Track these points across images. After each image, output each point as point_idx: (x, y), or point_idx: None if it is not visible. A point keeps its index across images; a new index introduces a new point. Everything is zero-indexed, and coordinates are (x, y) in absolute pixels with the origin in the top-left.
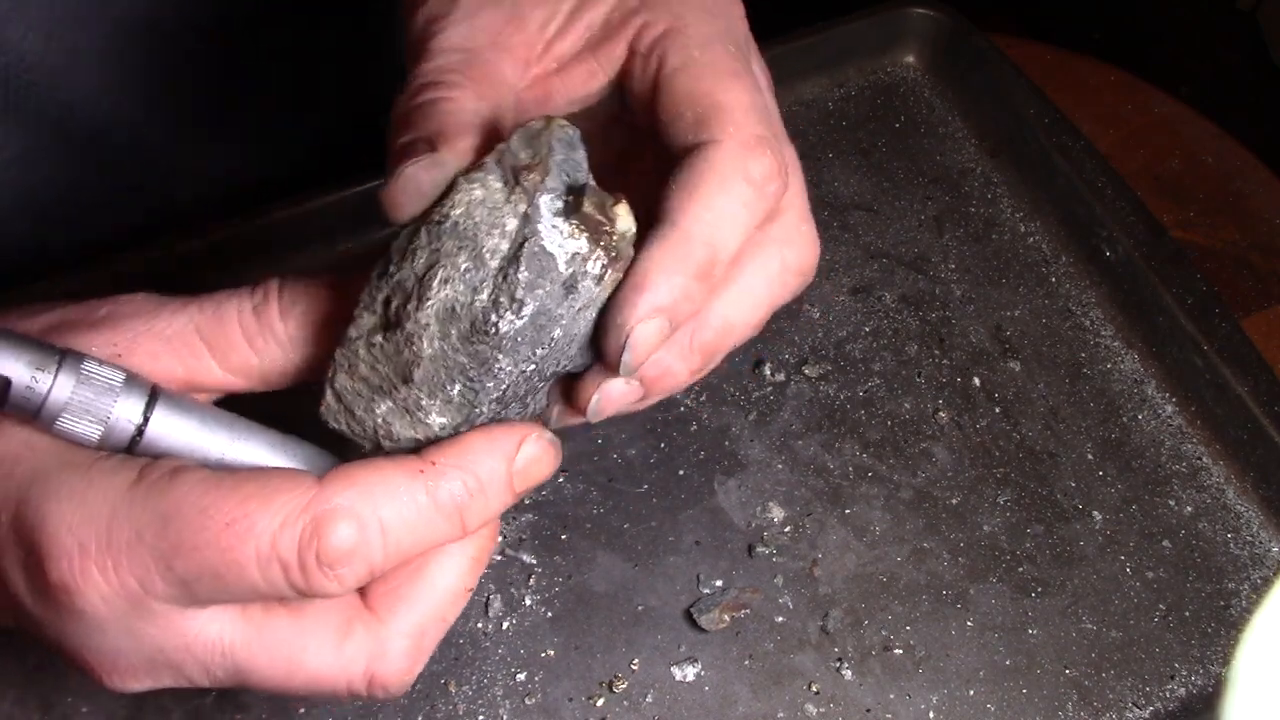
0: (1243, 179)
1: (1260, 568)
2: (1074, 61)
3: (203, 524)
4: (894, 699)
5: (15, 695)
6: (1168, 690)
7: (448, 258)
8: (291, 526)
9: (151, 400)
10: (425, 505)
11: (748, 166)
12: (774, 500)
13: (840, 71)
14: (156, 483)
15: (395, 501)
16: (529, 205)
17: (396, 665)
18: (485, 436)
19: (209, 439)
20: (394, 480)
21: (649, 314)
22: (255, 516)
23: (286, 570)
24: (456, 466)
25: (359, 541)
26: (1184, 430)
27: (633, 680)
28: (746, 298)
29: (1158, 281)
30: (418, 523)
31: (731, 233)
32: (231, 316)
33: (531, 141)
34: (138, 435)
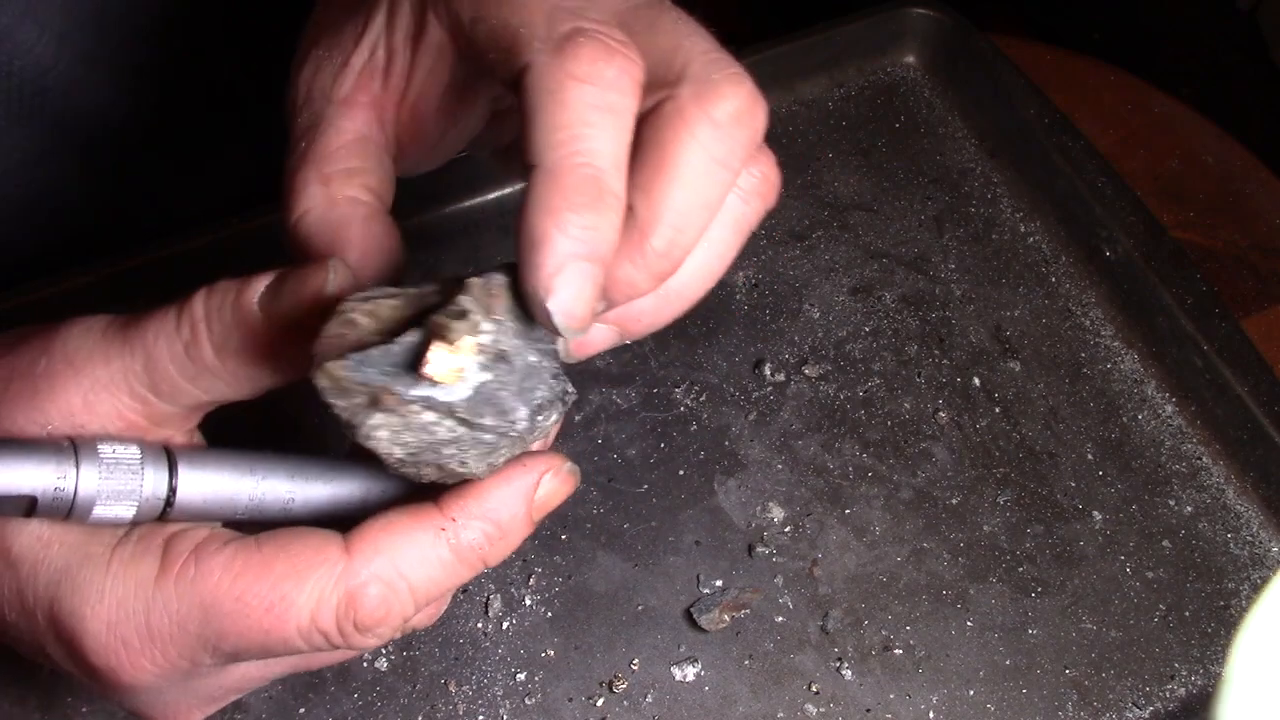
0: (1243, 179)
1: (1260, 568)
2: (1074, 61)
3: (243, 612)
4: (894, 699)
5: (15, 695)
6: (1168, 690)
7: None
8: (327, 603)
9: (172, 465)
10: (449, 560)
11: (576, 68)
12: (774, 500)
13: (840, 71)
14: (183, 572)
15: (421, 563)
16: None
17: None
18: (504, 481)
19: (236, 486)
20: (417, 541)
21: (558, 266)
22: (292, 598)
23: (328, 637)
24: (477, 518)
25: (391, 605)
26: (1184, 430)
27: (633, 680)
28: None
29: (1158, 281)
30: (442, 576)
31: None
32: (164, 361)
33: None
34: (168, 506)
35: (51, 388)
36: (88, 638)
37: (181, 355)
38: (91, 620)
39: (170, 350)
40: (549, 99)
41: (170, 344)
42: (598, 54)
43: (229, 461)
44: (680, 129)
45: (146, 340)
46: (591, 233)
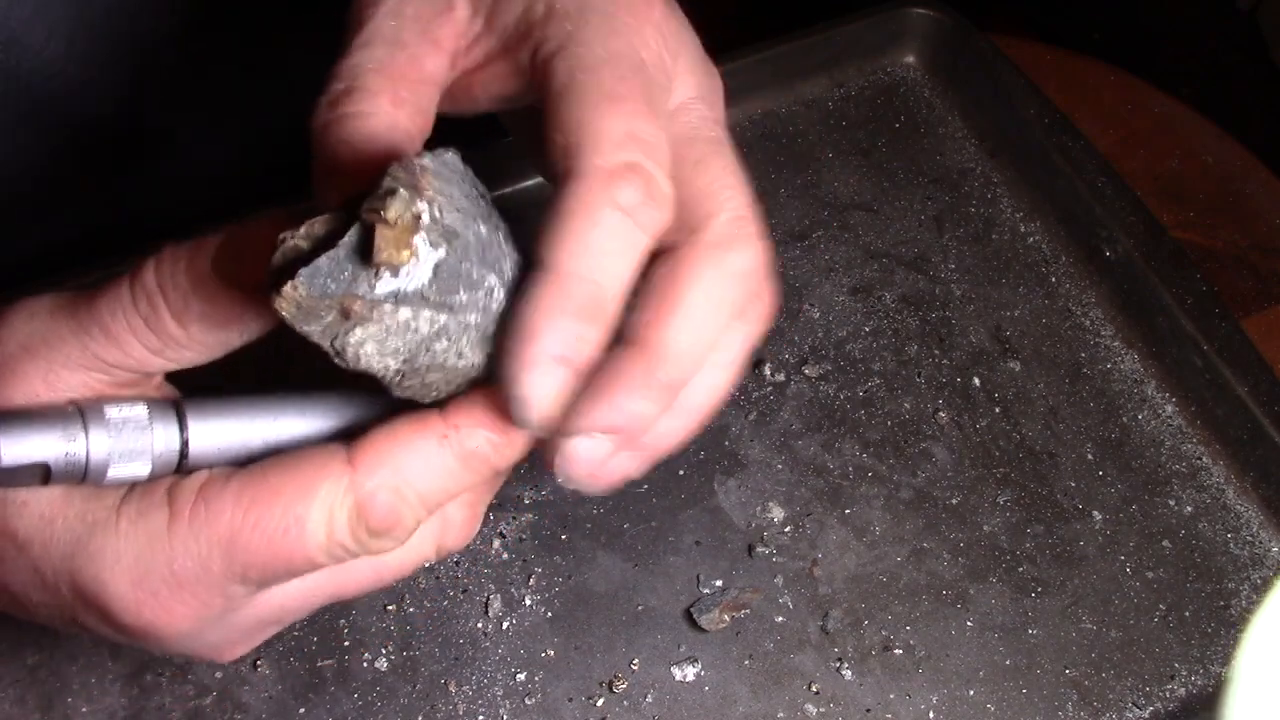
0: (1243, 179)
1: (1260, 568)
2: (1074, 61)
3: (262, 539)
4: (894, 699)
5: (15, 695)
6: (1168, 690)
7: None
8: (339, 515)
9: (181, 419)
10: (454, 467)
11: (615, 195)
12: (774, 500)
13: (840, 71)
14: (194, 514)
15: (426, 470)
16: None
17: (459, 533)
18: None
19: (248, 430)
20: (421, 450)
21: (537, 363)
22: (305, 517)
23: (346, 549)
24: (481, 425)
25: (400, 511)
26: (1184, 430)
27: (633, 680)
28: (695, 318)
29: (1158, 281)
30: (449, 482)
31: (611, 265)
32: (124, 335)
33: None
34: (183, 458)
35: (11, 373)
36: (115, 600)
37: (143, 328)
38: (114, 583)
39: (130, 324)
40: (585, 213)
41: (129, 318)
42: (643, 195)
43: (238, 407)
44: (694, 273)
45: (103, 318)
46: (578, 342)
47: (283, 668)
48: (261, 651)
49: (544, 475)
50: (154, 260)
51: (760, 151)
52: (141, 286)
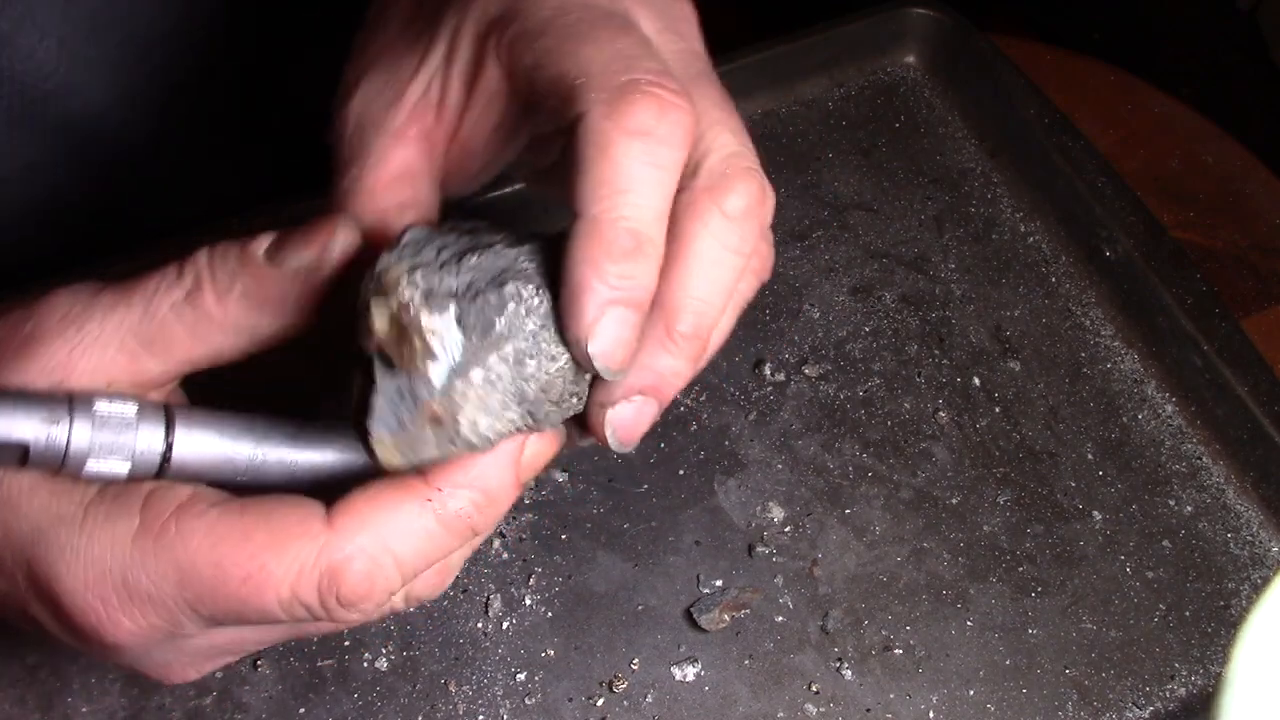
0: (1243, 179)
1: (1260, 568)
2: (1074, 61)
3: (220, 579)
4: (894, 699)
5: (15, 695)
6: (1168, 690)
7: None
8: (308, 577)
9: (170, 424)
10: (436, 531)
11: (628, 122)
12: (774, 500)
13: (840, 71)
14: (163, 532)
15: (407, 536)
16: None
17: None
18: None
19: (234, 447)
20: (403, 513)
21: (599, 313)
22: (270, 569)
23: (310, 610)
24: (464, 486)
25: (375, 580)
26: (1184, 430)
27: (633, 680)
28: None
29: (1158, 281)
30: (429, 547)
31: (644, 197)
32: (163, 311)
33: None
34: (165, 462)
35: (37, 344)
36: (65, 597)
37: (181, 302)
38: (69, 579)
39: (170, 299)
40: (597, 153)
41: (171, 292)
42: (650, 108)
43: (229, 423)
44: (695, 222)
45: (147, 292)
46: (629, 281)
47: (283, 668)
48: (261, 651)
49: (544, 475)
50: (208, 247)
51: (760, 151)
52: (191, 264)
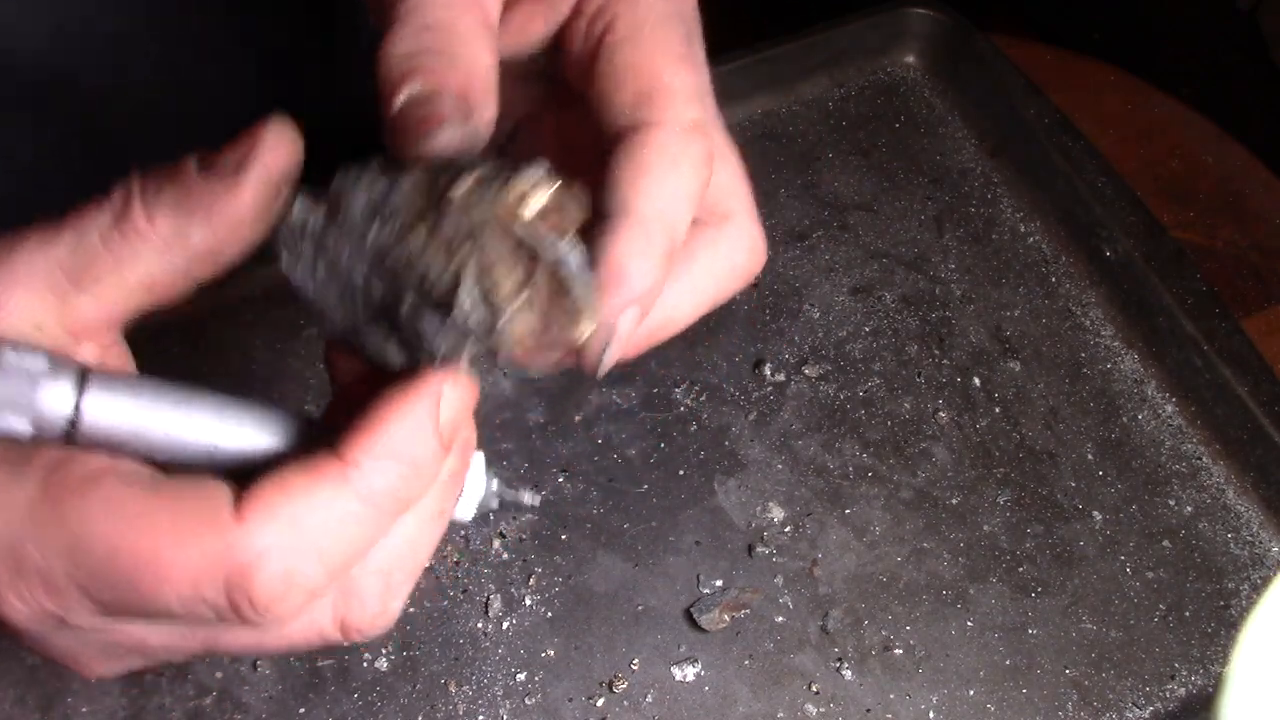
0: (1243, 179)
1: (1260, 568)
2: (1074, 61)
3: (113, 564)
4: (894, 699)
5: (15, 695)
6: (1168, 690)
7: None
8: (212, 575)
9: (82, 384)
10: (360, 512)
11: (690, 149)
12: (774, 500)
13: (840, 71)
14: (61, 503)
15: (328, 524)
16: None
17: (368, 609)
18: (397, 412)
19: (152, 417)
20: (320, 498)
21: (626, 306)
22: (168, 561)
23: (218, 613)
24: (383, 457)
25: (293, 580)
26: (1184, 430)
27: (633, 680)
28: (691, 295)
29: (1158, 281)
30: (356, 533)
31: (684, 217)
32: (91, 240)
33: None
34: (71, 426)
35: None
36: None
37: (109, 227)
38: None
39: (98, 225)
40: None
41: (99, 217)
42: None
43: (150, 390)
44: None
45: (74, 220)
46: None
47: (283, 668)
48: None
49: (544, 475)
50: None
51: (760, 151)
52: (120, 186)
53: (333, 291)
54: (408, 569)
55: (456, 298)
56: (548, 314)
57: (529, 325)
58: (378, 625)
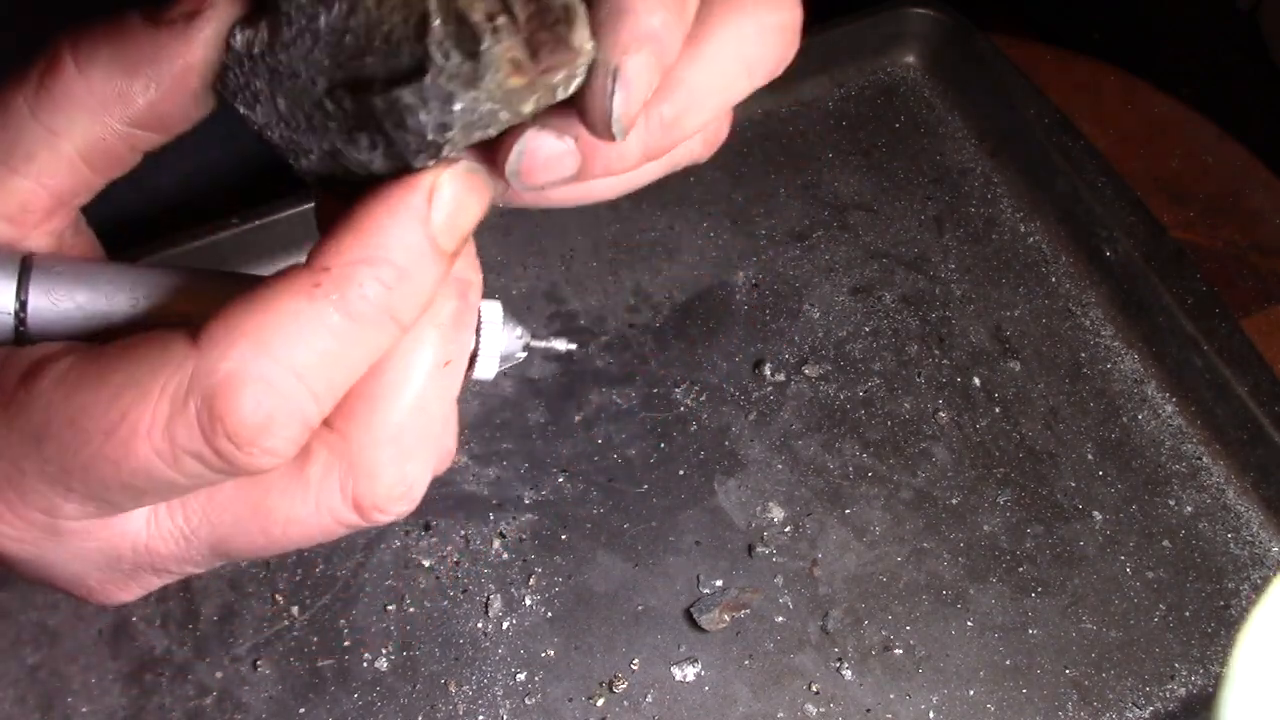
0: (1243, 179)
1: (1260, 568)
2: (1074, 61)
3: (80, 441)
4: (894, 699)
5: (15, 695)
6: (1168, 690)
7: None
8: (183, 415)
9: (24, 277)
10: (340, 325)
11: None
12: (774, 500)
13: (840, 71)
14: (15, 397)
15: (301, 338)
16: None
17: (384, 480)
18: (381, 205)
19: (108, 304)
20: (289, 312)
21: (637, 44)
22: (134, 417)
23: (202, 460)
24: (360, 262)
25: (274, 403)
26: (1184, 430)
27: (633, 680)
28: (716, 63)
29: (1158, 281)
30: (341, 350)
31: None
32: (20, 108)
33: None
34: (20, 324)
35: None
36: None
37: (35, 87)
38: None
39: (26, 87)
40: None
41: (25, 80)
42: None
43: (102, 275)
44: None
45: (4, 91)
46: (672, 37)
47: (283, 668)
48: (261, 651)
49: (544, 475)
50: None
51: (760, 151)
52: (51, 43)
53: (299, 118)
54: (421, 432)
55: (426, 51)
56: (535, 34)
57: (517, 50)
58: (397, 499)
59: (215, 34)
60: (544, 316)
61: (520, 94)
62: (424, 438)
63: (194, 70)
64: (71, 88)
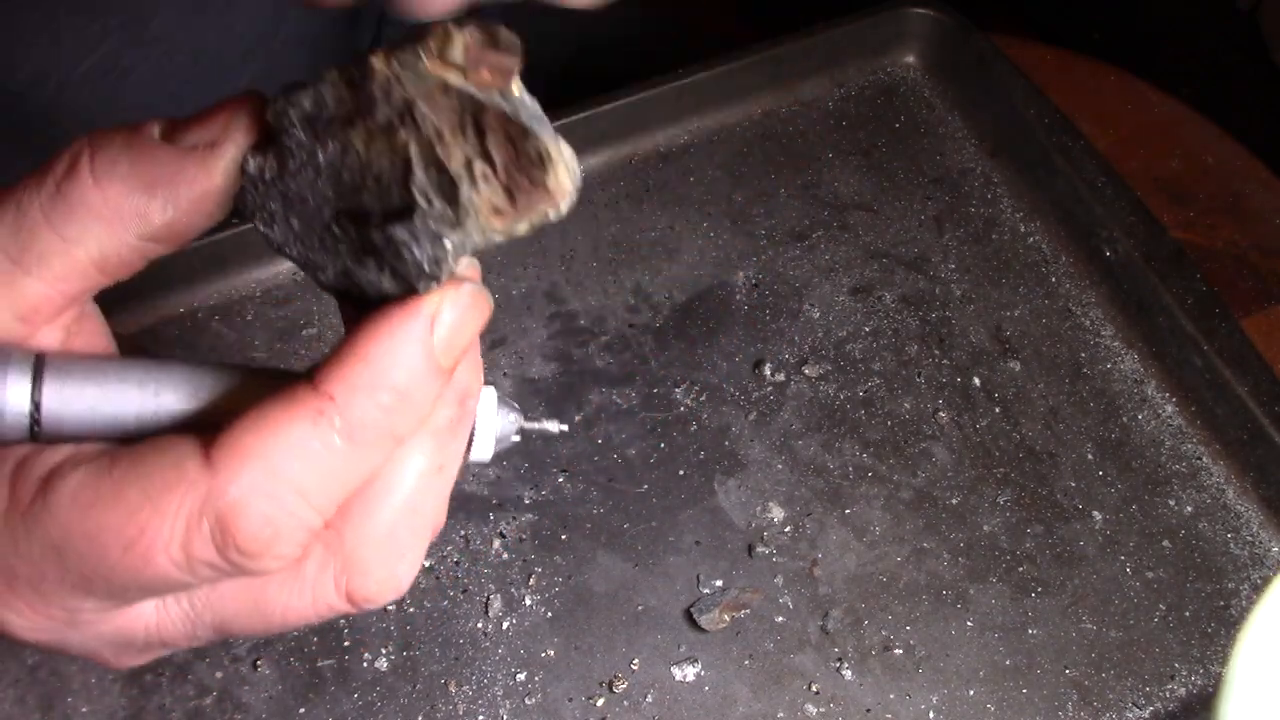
0: (1243, 179)
1: (1260, 568)
2: (1074, 61)
3: (100, 554)
4: (894, 699)
5: (15, 695)
6: (1168, 690)
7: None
8: (198, 530)
9: (38, 375)
10: (342, 448)
11: None
12: (774, 500)
13: (840, 71)
14: (31, 508)
15: (305, 461)
16: None
17: (376, 576)
18: (385, 330)
19: (120, 402)
20: (295, 434)
21: None
22: (153, 531)
23: (215, 567)
24: (361, 389)
25: (279, 521)
26: (1184, 430)
27: (633, 680)
28: None
29: (1158, 281)
30: (342, 468)
31: None
32: (33, 208)
33: None
34: (35, 424)
35: None
36: None
37: (52, 191)
38: None
39: (41, 192)
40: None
41: (40, 185)
42: None
43: (115, 371)
44: None
45: (16, 194)
46: None
47: (283, 668)
48: (261, 651)
49: (544, 475)
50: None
51: (760, 151)
52: (68, 150)
53: (313, 239)
54: (413, 530)
55: (412, 196)
56: (513, 177)
57: (495, 196)
58: (386, 592)
59: (233, 162)
60: (544, 316)
61: (507, 228)
62: (416, 535)
63: (212, 196)
64: (88, 198)
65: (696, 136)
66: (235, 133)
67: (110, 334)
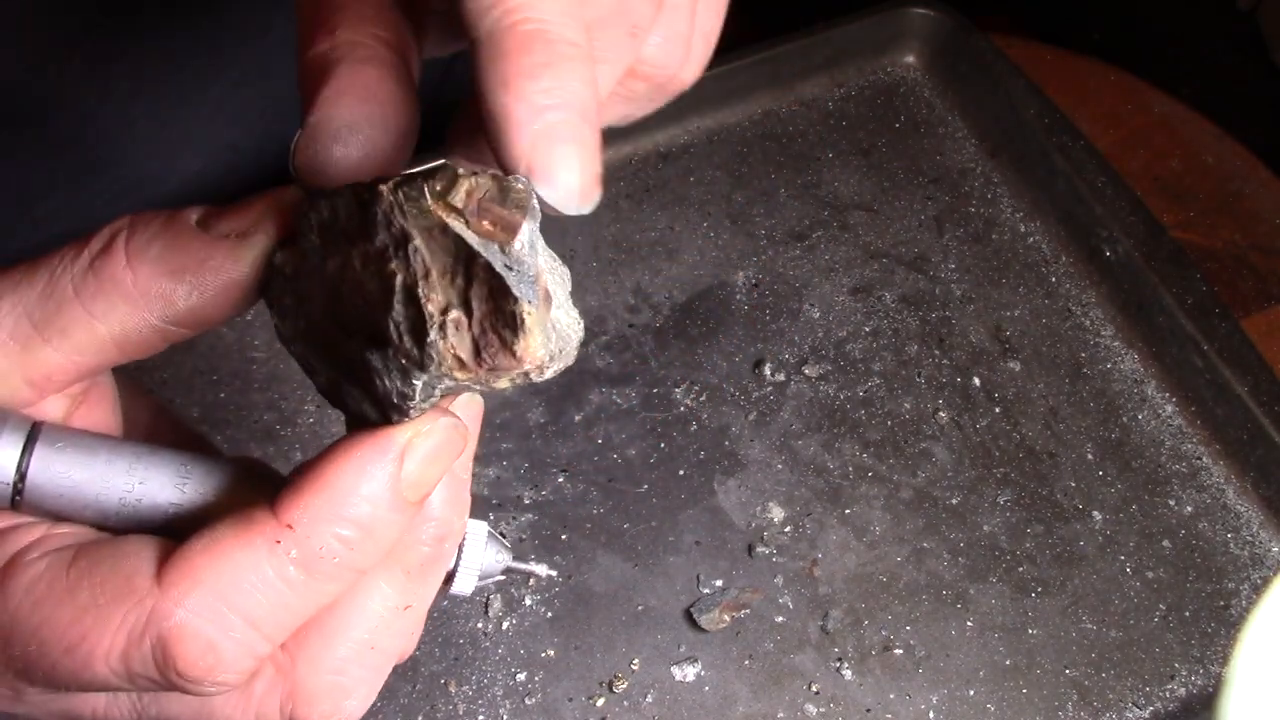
0: (1243, 179)
1: (1260, 568)
2: (1074, 61)
3: (41, 649)
4: (894, 699)
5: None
6: (1168, 690)
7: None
8: (138, 649)
9: (29, 446)
10: (297, 579)
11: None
12: (774, 500)
13: (840, 71)
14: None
15: (257, 590)
16: None
17: (321, 709)
18: (352, 458)
19: (104, 485)
20: (249, 561)
21: (531, 145)
22: (94, 638)
23: (155, 683)
24: (321, 520)
25: (224, 648)
26: (1184, 430)
27: (633, 680)
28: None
29: (1158, 281)
30: (296, 599)
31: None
32: (63, 281)
33: None
34: (17, 494)
35: None
36: None
37: (85, 267)
38: None
39: (75, 266)
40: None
41: (76, 259)
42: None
43: (105, 452)
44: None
45: (51, 262)
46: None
47: None
48: None
49: (544, 475)
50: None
51: (760, 151)
52: (108, 227)
53: (315, 343)
54: (367, 667)
55: (388, 326)
56: (485, 333)
57: (462, 348)
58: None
59: (261, 254)
60: None
61: (476, 381)
62: (372, 670)
63: (238, 284)
64: (118, 277)
65: (696, 136)
66: (267, 224)
67: (119, 408)
